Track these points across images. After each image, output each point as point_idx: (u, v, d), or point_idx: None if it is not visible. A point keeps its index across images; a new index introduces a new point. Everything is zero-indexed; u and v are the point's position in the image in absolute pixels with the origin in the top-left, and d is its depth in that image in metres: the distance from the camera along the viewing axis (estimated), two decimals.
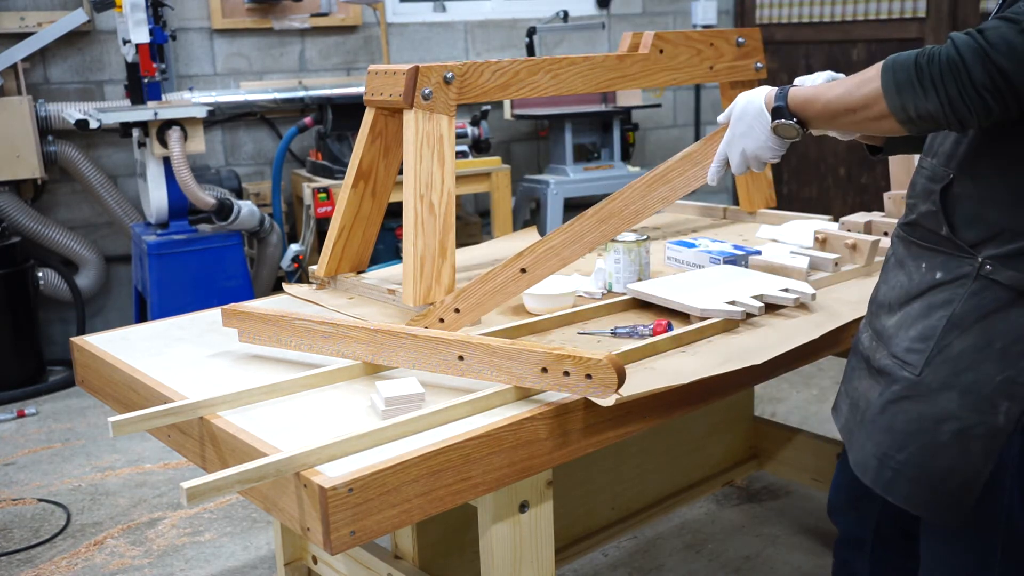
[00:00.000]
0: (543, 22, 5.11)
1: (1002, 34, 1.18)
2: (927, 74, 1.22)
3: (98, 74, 4.41)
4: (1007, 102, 1.19)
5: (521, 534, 1.54)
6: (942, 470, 1.33)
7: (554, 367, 1.41)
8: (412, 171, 1.89)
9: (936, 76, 1.21)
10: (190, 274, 3.95)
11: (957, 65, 1.20)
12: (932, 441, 1.33)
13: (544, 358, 1.42)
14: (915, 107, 1.24)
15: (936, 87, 1.22)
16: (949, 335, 1.33)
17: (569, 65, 2.10)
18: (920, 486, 1.36)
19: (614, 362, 1.36)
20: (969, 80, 1.19)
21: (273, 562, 2.64)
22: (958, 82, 1.20)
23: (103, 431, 3.63)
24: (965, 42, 1.20)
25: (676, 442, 2.63)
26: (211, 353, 1.81)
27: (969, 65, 1.19)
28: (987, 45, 1.18)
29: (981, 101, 1.20)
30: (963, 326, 1.32)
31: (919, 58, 1.23)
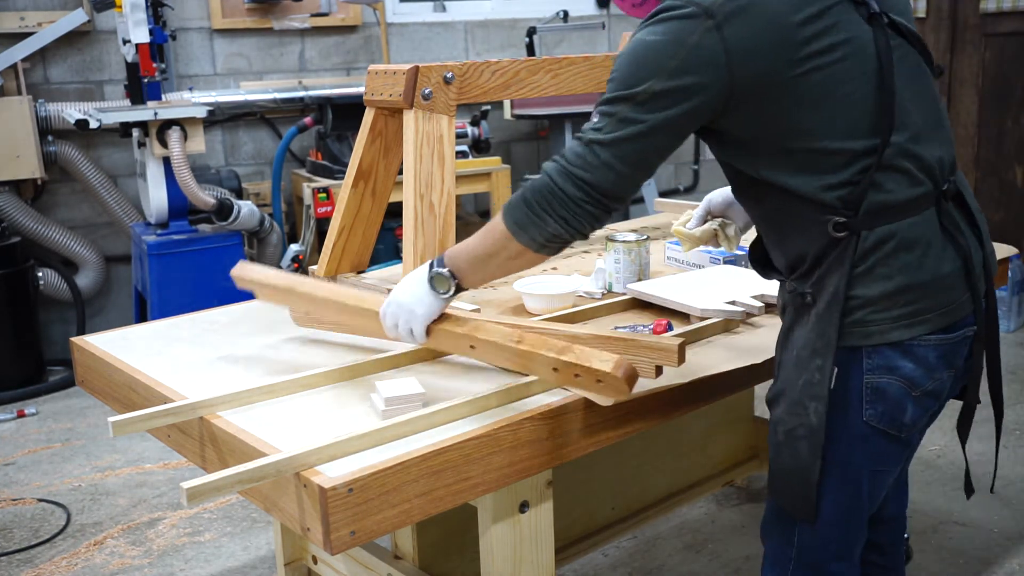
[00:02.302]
0: (543, 22, 5.11)
1: (573, 150, 1.39)
2: (536, 205, 1.39)
3: (98, 74, 4.41)
4: (604, 204, 1.38)
5: (521, 534, 1.54)
6: (785, 470, 1.50)
7: (564, 370, 1.43)
8: (412, 171, 1.89)
9: (543, 204, 1.39)
10: (190, 274, 3.95)
11: (552, 189, 1.38)
12: (774, 443, 1.51)
13: (553, 363, 1.43)
14: (541, 235, 1.41)
15: (548, 213, 1.39)
16: (777, 351, 1.53)
17: (569, 65, 2.10)
18: (778, 485, 1.53)
19: (623, 368, 1.37)
20: (566, 197, 1.37)
21: (273, 562, 2.64)
22: (560, 202, 1.38)
23: (103, 431, 3.63)
24: (552, 167, 1.40)
25: (676, 442, 2.63)
26: (211, 353, 1.81)
27: (560, 185, 1.38)
28: (566, 163, 1.38)
29: (583, 211, 1.38)
30: (782, 342, 1.51)
31: (525, 194, 1.41)
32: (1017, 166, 4.66)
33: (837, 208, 1.36)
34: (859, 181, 1.35)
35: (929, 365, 1.42)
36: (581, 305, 1.91)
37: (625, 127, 1.36)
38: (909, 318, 1.40)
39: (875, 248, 1.38)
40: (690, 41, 1.30)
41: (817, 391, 1.42)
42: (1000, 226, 4.68)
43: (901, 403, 1.43)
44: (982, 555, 2.55)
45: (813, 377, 1.42)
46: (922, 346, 1.41)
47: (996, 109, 4.65)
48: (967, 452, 1.64)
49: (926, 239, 1.40)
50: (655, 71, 1.33)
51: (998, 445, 1.73)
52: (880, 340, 1.40)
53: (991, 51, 4.62)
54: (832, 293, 1.39)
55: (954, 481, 2.94)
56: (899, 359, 1.41)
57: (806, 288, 1.43)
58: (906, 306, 1.39)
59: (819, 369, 1.41)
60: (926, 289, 1.40)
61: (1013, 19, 4.52)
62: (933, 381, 1.44)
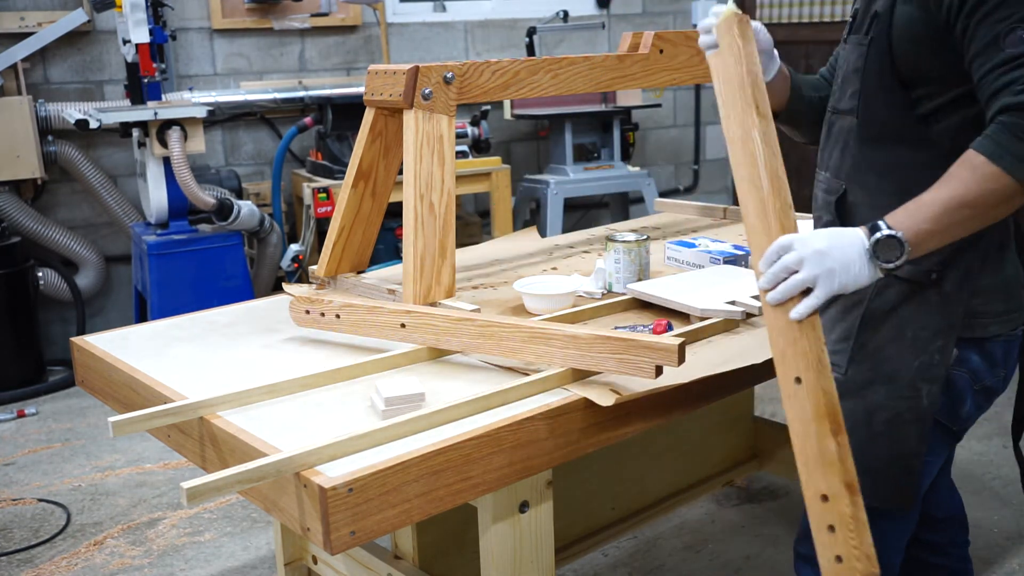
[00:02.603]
0: (543, 22, 5.11)
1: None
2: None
3: (98, 74, 4.41)
4: None
5: (521, 534, 1.54)
6: (882, 459, 1.41)
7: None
8: (412, 171, 1.89)
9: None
10: (190, 274, 3.95)
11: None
12: (868, 433, 1.41)
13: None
14: None
15: None
16: (864, 332, 1.42)
17: (569, 65, 2.10)
18: (867, 477, 1.39)
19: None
20: None
21: (273, 562, 2.64)
22: None
23: (103, 431, 3.63)
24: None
25: (676, 442, 2.63)
26: (211, 353, 1.81)
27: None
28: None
29: None
30: (876, 322, 1.41)
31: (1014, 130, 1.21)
32: None
33: None
34: None
35: (994, 360, 1.42)
36: (581, 305, 1.91)
37: None
38: (1006, 315, 1.40)
39: (999, 235, 1.37)
40: None
41: (935, 373, 1.37)
42: None
43: (963, 395, 1.42)
44: (982, 555, 2.55)
45: (932, 359, 1.37)
46: (992, 340, 1.41)
47: None
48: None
49: (1013, 239, 1.42)
50: None
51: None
52: (982, 333, 1.39)
53: None
54: (963, 274, 1.35)
55: (955, 481, 2.94)
56: (969, 351, 1.40)
57: (932, 265, 1.36)
58: (1006, 301, 1.40)
59: (940, 351, 1.37)
60: (1016, 286, 1.41)
61: None
62: (994, 377, 1.44)
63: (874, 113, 1.43)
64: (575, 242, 2.56)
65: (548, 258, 2.38)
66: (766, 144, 1.31)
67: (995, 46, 1.24)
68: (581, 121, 4.95)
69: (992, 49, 1.24)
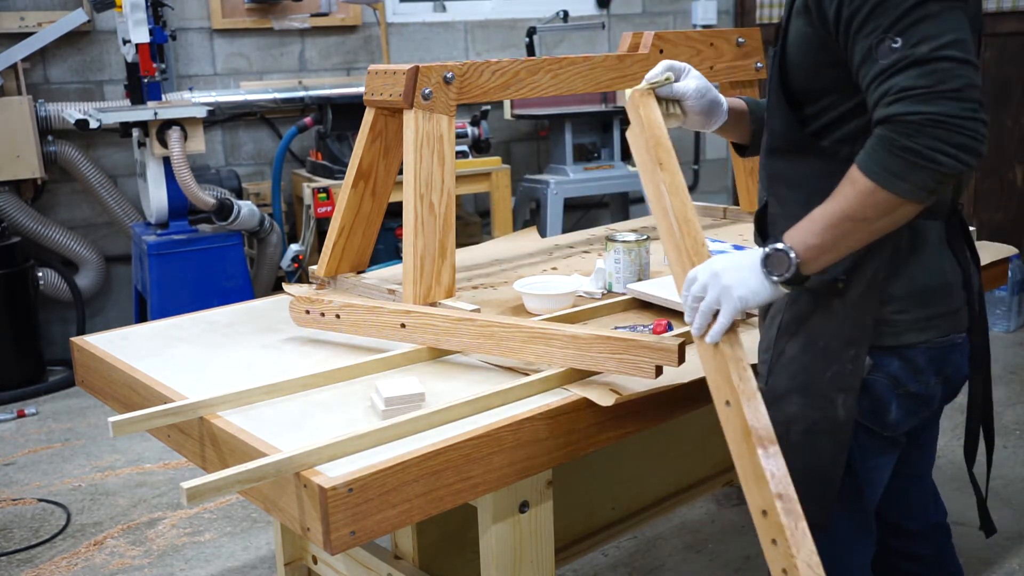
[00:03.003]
0: (543, 22, 5.11)
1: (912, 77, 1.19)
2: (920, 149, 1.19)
3: (98, 74, 4.41)
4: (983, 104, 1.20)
5: (521, 534, 1.54)
6: (799, 471, 1.34)
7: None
8: (412, 171, 1.89)
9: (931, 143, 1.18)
10: (190, 274, 3.95)
11: (930, 120, 1.18)
12: (786, 445, 1.35)
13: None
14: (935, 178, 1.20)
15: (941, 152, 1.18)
16: (781, 341, 1.44)
17: (569, 65, 2.10)
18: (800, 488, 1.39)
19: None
20: (960, 120, 1.17)
21: (273, 562, 2.64)
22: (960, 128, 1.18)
23: (103, 431, 3.63)
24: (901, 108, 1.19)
25: (676, 442, 2.63)
26: (211, 353, 1.81)
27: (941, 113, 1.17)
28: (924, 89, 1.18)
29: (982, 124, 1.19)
30: (791, 331, 1.42)
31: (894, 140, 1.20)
32: (1017, 166, 4.66)
33: None
34: None
35: (917, 367, 1.40)
36: (581, 305, 1.91)
37: (952, 17, 1.21)
38: (924, 321, 1.38)
39: (909, 241, 1.36)
40: None
41: (849, 382, 1.36)
42: (1000, 226, 4.68)
43: (885, 401, 1.40)
44: (982, 555, 2.55)
45: (845, 368, 1.36)
46: (911, 348, 1.39)
47: (996, 109, 4.65)
48: (976, 481, 1.61)
49: (940, 247, 1.40)
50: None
51: (988, 477, 1.69)
52: (894, 342, 1.37)
53: (991, 51, 4.62)
54: (869, 282, 1.35)
55: (954, 481, 2.94)
56: (887, 357, 1.39)
57: (838, 274, 1.36)
58: (922, 308, 1.38)
59: (852, 359, 1.36)
60: (940, 294, 1.39)
61: (1013, 19, 4.52)
62: (919, 384, 1.41)
63: (776, 127, 1.45)
64: (575, 242, 2.56)
65: (548, 258, 2.38)
66: (672, 193, 1.39)
67: (871, 58, 1.24)
68: (581, 121, 4.95)
69: (869, 62, 1.24)
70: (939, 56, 1.19)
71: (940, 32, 1.19)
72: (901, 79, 1.20)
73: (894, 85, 1.20)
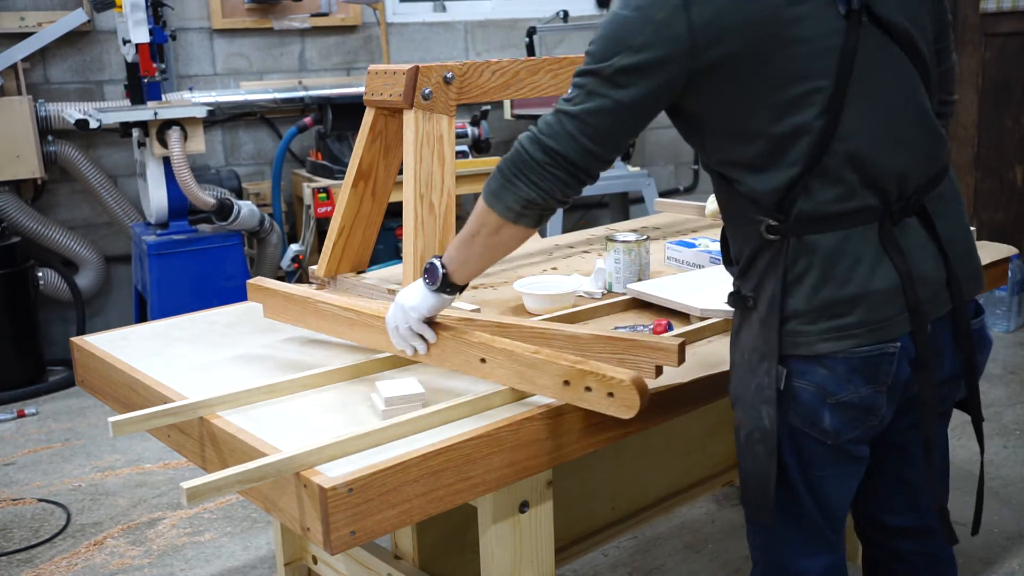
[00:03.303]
0: (543, 22, 5.11)
1: (545, 119, 1.41)
2: (508, 172, 1.41)
3: (98, 74, 4.41)
4: (572, 172, 1.39)
5: (521, 534, 1.54)
6: (745, 473, 1.48)
7: (576, 381, 1.40)
8: (412, 171, 1.89)
9: (515, 170, 1.41)
10: (190, 274, 3.95)
11: (522, 156, 1.40)
12: (738, 447, 1.50)
13: (567, 372, 1.41)
14: (516, 202, 1.41)
15: (519, 178, 1.40)
16: (731, 353, 1.50)
17: (569, 65, 2.10)
18: (742, 489, 1.51)
19: (637, 383, 1.35)
20: (534, 162, 1.39)
21: (273, 562, 2.64)
22: (529, 167, 1.39)
23: (103, 431, 3.63)
24: (524, 136, 1.42)
25: (676, 442, 2.63)
26: (211, 353, 1.81)
27: (530, 151, 1.40)
28: (537, 131, 1.41)
29: (552, 175, 1.39)
30: (732, 345, 1.50)
31: (500, 164, 1.43)
32: (1017, 166, 4.66)
33: (770, 210, 1.36)
34: (793, 185, 1.34)
35: (839, 376, 1.39)
36: (581, 305, 1.91)
37: (592, 100, 1.37)
38: (836, 332, 1.37)
39: (803, 257, 1.37)
40: (657, 17, 1.31)
41: (768, 395, 1.41)
42: (1000, 226, 4.68)
43: (816, 409, 1.41)
44: (982, 555, 2.55)
45: (763, 381, 1.41)
46: (829, 357, 1.38)
47: (996, 109, 4.65)
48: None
49: (855, 255, 1.37)
50: (623, 46, 1.34)
51: (982, 472, 1.70)
52: (807, 352, 1.38)
53: (991, 51, 4.62)
54: (770, 299, 1.39)
55: (954, 481, 2.93)
56: (809, 365, 1.39)
57: (748, 291, 1.43)
58: (832, 319, 1.37)
59: (767, 373, 1.40)
60: (853, 305, 1.37)
61: (1013, 19, 4.52)
62: (850, 393, 1.39)
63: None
64: (575, 242, 2.56)
65: (548, 258, 2.38)
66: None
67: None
68: None
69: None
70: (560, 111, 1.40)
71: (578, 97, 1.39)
72: (545, 115, 1.43)
73: (542, 117, 1.43)
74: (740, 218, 1.43)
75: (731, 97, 1.34)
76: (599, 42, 1.37)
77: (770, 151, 1.35)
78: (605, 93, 1.36)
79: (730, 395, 1.51)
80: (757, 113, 1.34)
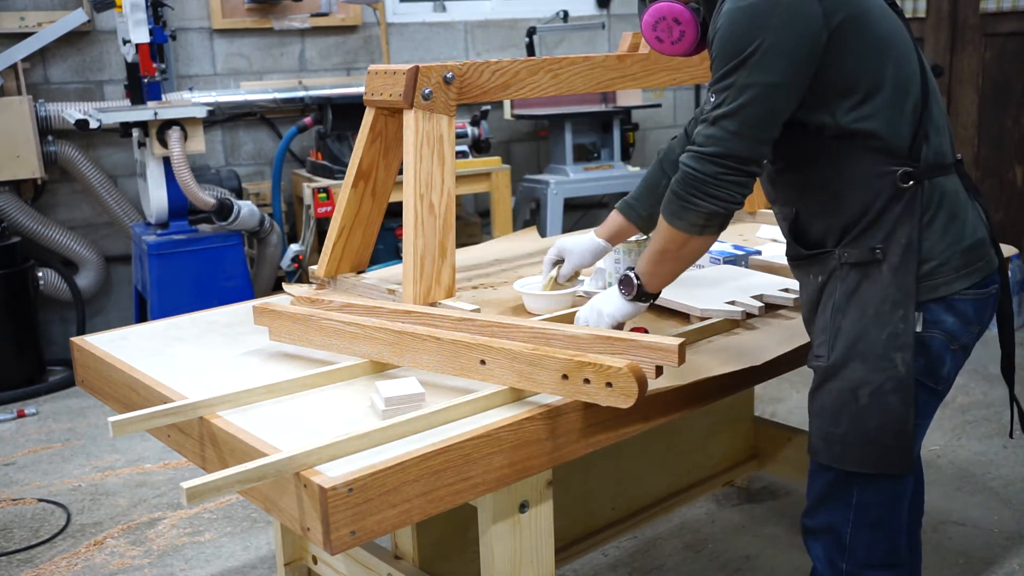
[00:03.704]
0: (543, 22, 5.11)
1: (702, 133, 1.49)
2: (684, 194, 1.49)
3: (98, 74, 4.41)
4: (744, 171, 1.47)
5: (521, 534, 1.54)
6: (874, 429, 1.52)
7: (575, 374, 1.41)
8: (412, 171, 1.89)
9: (691, 190, 1.48)
10: (190, 274, 3.95)
11: (693, 175, 1.48)
12: (857, 408, 1.52)
13: (565, 365, 1.41)
14: (698, 217, 1.50)
15: (697, 195, 1.48)
16: (837, 318, 1.55)
17: (569, 65, 2.10)
18: (864, 449, 1.54)
19: (635, 371, 1.36)
20: (707, 177, 1.47)
21: (273, 562, 2.64)
22: (704, 183, 1.47)
23: (103, 431, 3.63)
24: (686, 157, 1.50)
25: (676, 442, 2.63)
26: (211, 353, 1.81)
27: (699, 169, 1.48)
28: (698, 149, 1.48)
29: (728, 182, 1.47)
30: (843, 307, 1.54)
31: (672, 187, 1.51)
32: (1017, 166, 4.66)
33: (904, 158, 1.47)
34: (916, 133, 1.48)
35: (968, 319, 1.53)
36: (581, 305, 1.91)
37: (745, 93, 1.44)
38: (965, 268, 1.51)
39: (934, 200, 1.49)
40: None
41: (904, 341, 1.48)
42: (1000, 226, 4.68)
43: (941, 356, 1.53)
44: (982, 555, 2.55)
45: (897, 328, 1.48)
46: (962, 300, 1.52)
47: (996, 109, 4.65)
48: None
49: (962, 196, 1.54)
50: (758, 30, 1.42)
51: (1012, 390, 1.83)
52: (946, 291, 1.50)
53: (991, 51, 4.62)
54: (906, 245, 1.48)
55: (954, 481, 2.94)
56: (943, 313, 1.51)
57: (875, 243, 1.49)
58: (962, 256, 1.51)
59: (903, 319, 1.48)
60: (971, 241, 1.53)
61: (1013, 19, 4.52)
62: (969, 334, 1.55)
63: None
64: None
65: None
66: None
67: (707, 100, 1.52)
68: (581, 121, 4.95)
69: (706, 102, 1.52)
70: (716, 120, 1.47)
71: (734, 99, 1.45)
72: (700, 129, 1.49)
73: (697, 134, 1.50)
74: (863, 176, 1.49)
75: (858, 56, 1.45)
76: (726, 43, 1.45)
77: (898, 97, 1.47)
78: (755, 81, 1.43)
79: (830, 363, 1.54)
80: (879, 69, 1.46)
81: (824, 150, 1.52)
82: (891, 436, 1.51)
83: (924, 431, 1.61)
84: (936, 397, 1.58)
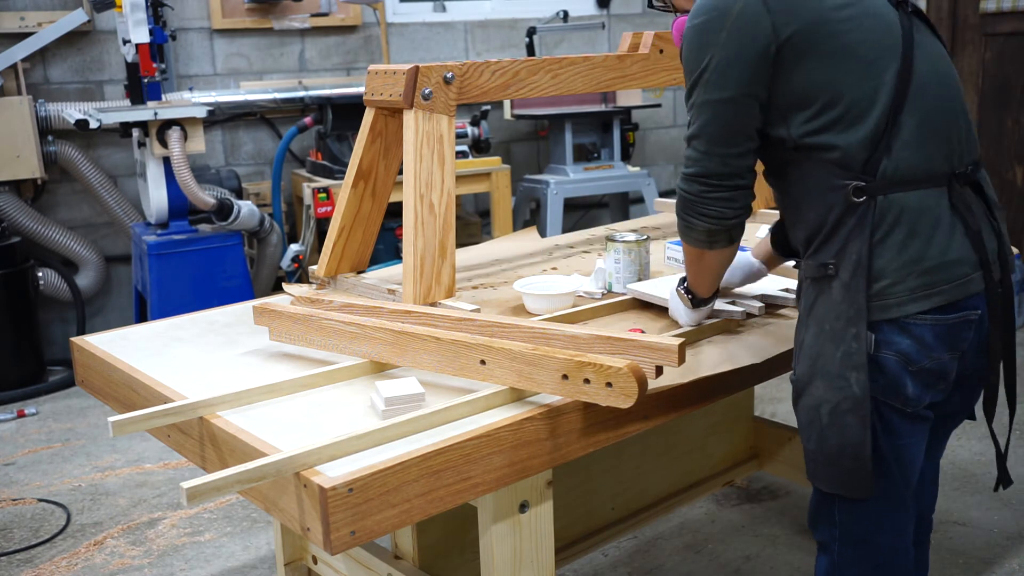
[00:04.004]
0: (543, 22, 5.11)
1: (684, 155, 1.53)
2: (683, 215, 1.55)
3: (98, 74, 4.41)
4: (725, 186, 1.49)
5: (521, 534, 1.54)
6: (834, 448, 1.49)
7: (575, 374, 1.41)
8: (412, 171, 1.89)
9: (686, 211, 1.54)
10: (190, 274, 3.95)
11: (684, 196, 1.54)
12: (819, 426, 1.51)
13: (565, 365, 1.41)
14: (700, 234, 1.55)
15: (693, 216, 1.54)
16: (800, 333, 1.54)
17: (569, 65, 2.10)
18: (828, 469, 1.52)
19: (635, 370, 1.36)
20: (694, 197, 1.51)
21: (273, 562, 2.64)
22: (693, 203, 1.52)
23: (103, 431, 3.63)
24: (680, 178, 1.55)
25: (676, 442, 2.63)
26: (211, 353, 1.81)
27: (686, 189, 1.53)
28: (684, 170, 1.53)
29: (714, 199, 1.50)
30: (805, 322, 1.53)
31: (676, 208, 1.57)
32: (1017, 166, 4.66)
33: (857, 172, 1.43)
34: (877, 146, 1.43)
35: (925, 344, 1.45)
36: (581, 305, 1.91)
37: (704, 111, 1.46)
38: (924, 289, 1.44)
39: (890, 216, 1.43)
40: (734, 10, 1.41)
41: (857, 360, 1.44)
42: None
43: (900, 377, 1.46)
44: (982, 555, 2.55)
45: (850, 347, 1.44)
46: (918, 324, 1.44)
47: (996, 109, 4.65)
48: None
49: (935, 213, 1.45)
50: (708, 47, 1.43)
51: (1009, 438, 1.73)
52: (897, 313, 1.43)
53: (991, 51, 4.62)
54: (856, 261, 1.43)
55: (954, 481, 2.94)
56: (896, 335, 1.45)
57: (828, 259, 1.46)
58: (920, 277, 1.44)
59: (855, 338, 1.44)
60: (938, 260, 1.45)
61: (1013, 19, 4.52)
62: (931, 360, 1.47)
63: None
64: (575, 242, 2.56)
65: (548, 258, 2.38)
66: None
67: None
68: (581, 121, 4.95)
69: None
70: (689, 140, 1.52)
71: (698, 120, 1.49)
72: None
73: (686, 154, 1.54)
74: (819, 188, 1.47)
75: (810, 70, 1.43)
76: (685, 62, 1.48)
77: (856, 109, 1.43)
78: (709, 99, 1.45)
79: (797, 378, 1.54)
80: (835, 82, 1.43)
81: (788, 162, 1.51)
82: (849, 458, 1.48)
83: (914, 453, 1.54)
84: (916, 419, 1.51)
